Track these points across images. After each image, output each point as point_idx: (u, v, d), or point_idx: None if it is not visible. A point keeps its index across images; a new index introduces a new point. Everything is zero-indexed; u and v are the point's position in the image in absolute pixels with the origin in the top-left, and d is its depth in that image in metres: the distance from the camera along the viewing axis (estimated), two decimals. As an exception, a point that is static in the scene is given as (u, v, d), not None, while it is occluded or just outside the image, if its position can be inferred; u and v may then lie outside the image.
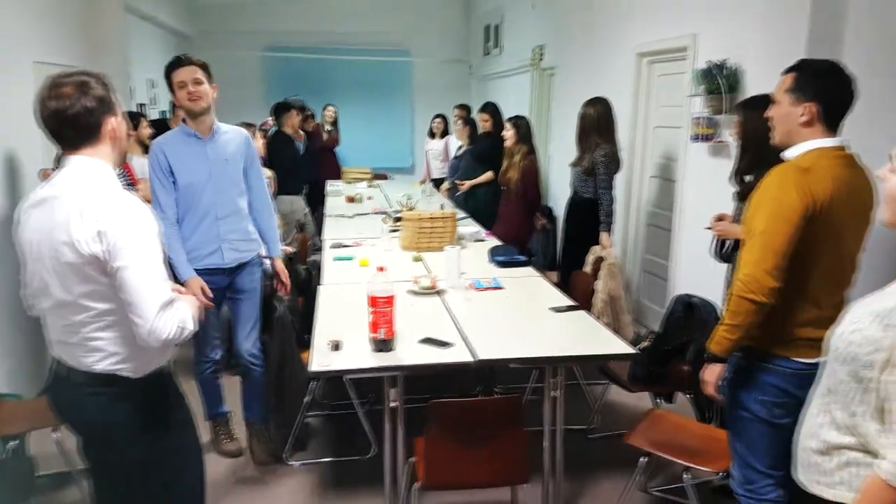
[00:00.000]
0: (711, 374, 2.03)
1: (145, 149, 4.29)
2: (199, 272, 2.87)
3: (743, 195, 2.65)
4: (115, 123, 1.68)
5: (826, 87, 1.88)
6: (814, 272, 1.91)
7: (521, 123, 4.92)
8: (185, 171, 2.85)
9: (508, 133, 4.92)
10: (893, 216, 1.38)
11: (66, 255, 1.56)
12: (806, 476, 1.45)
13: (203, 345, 3.09)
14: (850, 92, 1.90)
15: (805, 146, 1.91)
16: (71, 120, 1.61)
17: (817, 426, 1.42)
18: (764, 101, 2.20)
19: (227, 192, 2.93)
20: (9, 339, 3.42)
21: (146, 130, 4.67)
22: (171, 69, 2.85)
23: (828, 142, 1.90)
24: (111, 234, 1.54)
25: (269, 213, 3.19)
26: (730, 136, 2.95)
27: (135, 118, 4.53)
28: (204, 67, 2.90)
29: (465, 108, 6.78)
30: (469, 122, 6.21)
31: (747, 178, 2.72)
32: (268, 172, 4.55)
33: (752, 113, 2.63)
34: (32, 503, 2.23)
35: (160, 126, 4.84)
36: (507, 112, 6.08)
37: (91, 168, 1.63)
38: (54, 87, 1.63)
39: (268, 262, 3.29)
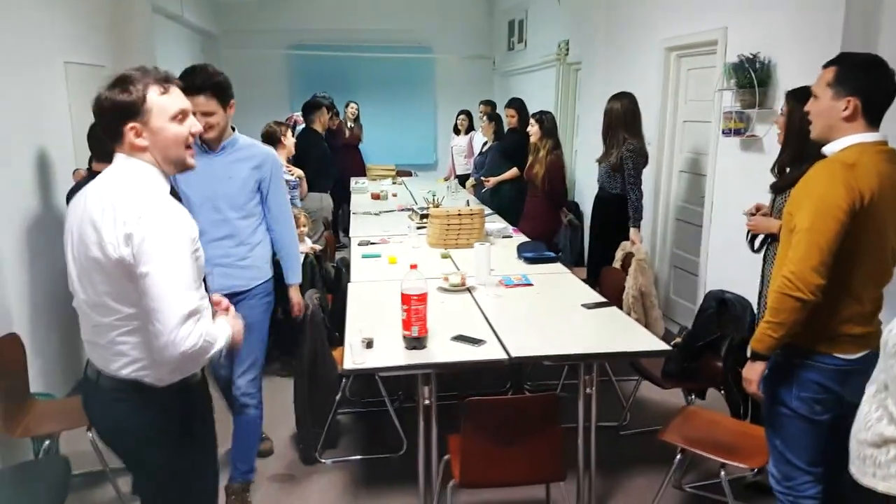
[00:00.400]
0: (754, 373, 2.00)
1: None
2: None
3: (779, 188, 2.60)
4: (139, 130, 1.59)
5: (868, 81, 1.86)
6: (857, 268, 1.89)
7: (545, 118, 4.90)
8: (184, 184, 2.57)
9: (533, 129, 4.91)
10: None
11: (94, 252, 1.56)
12: (859, 468, 1.45)
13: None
14: (893, 85, 1.86)
15: (846, 141, 1.88)
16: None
17: (874, 420, 1.43)
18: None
19: (224, 212, 2.65)
20: (42, 338, 3.48)
21: None
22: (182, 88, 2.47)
23: (869, 136, 1.87)
24: (138, 238, 1.50)
25: (289, 239, 2.87)
26: (774, 123, 2.89)
27: None
28: (218, 92, 2.55)
29: (490, 105, 6.76)
30: (494, 118, 6.19)
31: (788, 170, 2.67)
32: (298, 172, 4.59)
33: (799, 105, 2.57)
34: (67, 503, 2.27)
35: None
36: (533, 108, 6.07)
37: (131, 168, 1.62)
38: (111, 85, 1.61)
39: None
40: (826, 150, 1.94)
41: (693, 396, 3.10)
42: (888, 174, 1.85)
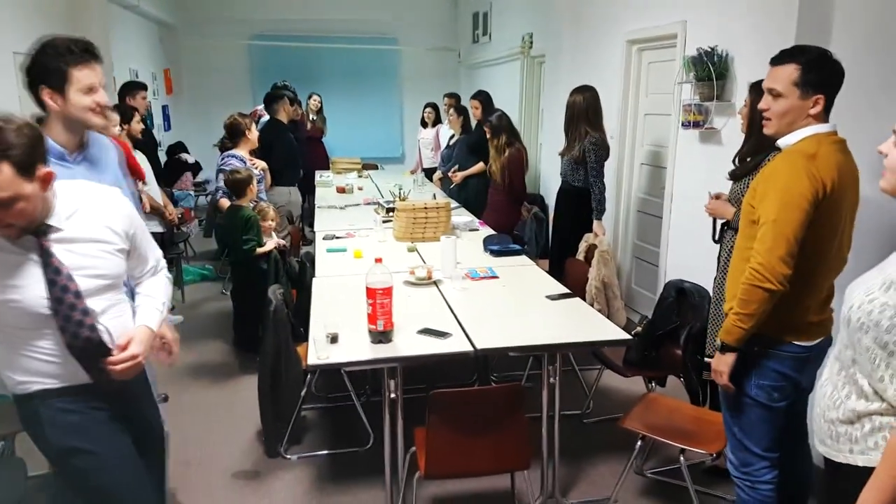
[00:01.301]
0: (724, 364, 2.02)
1: (135, 144, 4.24)
2: None
3: (737, 176, 2.66)
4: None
5: (830, 78, 1.91)
6: (820, 257, 1.93)
7: (493, 118, 4.96)
8: None
9: (486, 129, 4.97)
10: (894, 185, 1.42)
11: None
12: (832, 447, 1.48)
13: None
14: (843, 77, 1.93)
15: (803, 132, 1.93)
16: None
17: (843, 398, 1.45)
18: None
19: None
20: None
21: (138, 126, 4.60)
22: (70, 63, 1.91)
23: (824, 127, 1.93)
24: None
25: None
26: (738, 114, 2.95)
27: (127, 113, 4.46)
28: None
29: (454, 97, 6.76)
30: (461, 110, 6.20)
31: (749, 159, 2.72)
32: (262, 164, 4.52)
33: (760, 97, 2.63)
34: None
35: None
36: (497, 101, 6.09)
37: None
38: None
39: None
40: (781, 142, 1.99)
41: (654, 384, 3.17)
42: (843, 164, 1.91)
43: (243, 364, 4.11)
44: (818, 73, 1.90)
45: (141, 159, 4.29)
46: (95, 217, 1.70)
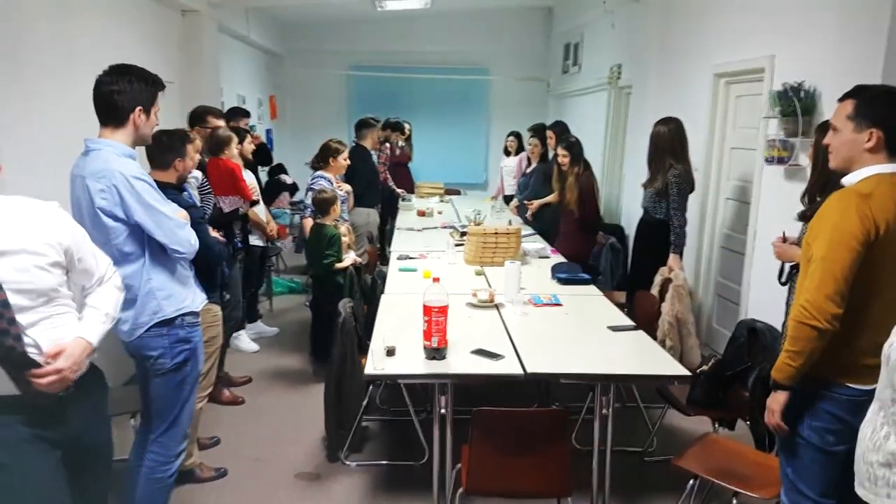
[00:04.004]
0: (776, 403, 1.99)
1: (246, 164, 4.54)
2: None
3: (807, 217, 2.58)
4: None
5: (890, 113, 1.86)
6: (875, 298, 1.88)
7: (573, 144, 4.94)
8: None
9: (566, 158, 4.93)
10: None
11: None
12: (872, 490, 1.43)
13: None
14: None
15: (865, 172, 1.88)
16: None
17: (881, 439, 1.41)
18: None
19: None
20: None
21: (250, 146, 4.91)
22: (160, 87, 2.30)
23: (888, 167, 1.87)
24: None
25: None
26: (808, 156, 2.88)
27: (240, 134, 4.79)
28: None
29: (535, 129, 6.83)
30: (542, 140, 6.26)
31: (818, 199, 2.65)
32: (346, 187, 4.79)
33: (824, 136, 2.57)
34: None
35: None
36: (585, 130, 6.10)
37: None
38: None
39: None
40: (845, 180, 1.95)
41: (719, 426, 3.05)
42: None
43: (317, 372, 4.32)
44: (874, 108, 1.86)
45: (249, 177, 4.61)
46: (26, 230, 1.69)
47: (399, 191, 6.90)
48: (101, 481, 1.98)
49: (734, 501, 2.35)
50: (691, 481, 2.46)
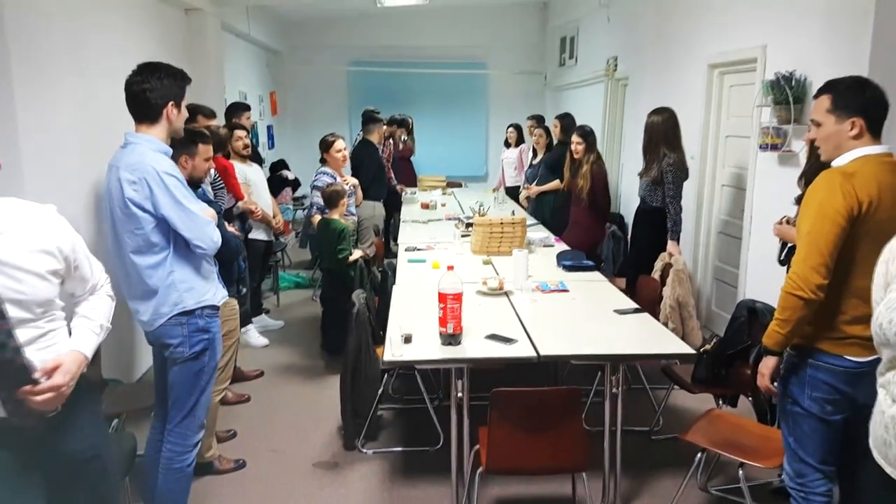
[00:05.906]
0: (766, 367, 2.15)
1: (241, 158, 4.65)
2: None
3: (801, 200, 2.70)
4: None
5: (866, 100, 2.01)
6: (860, 271, 1.99)
7: (588, 133, 5.02)
8: None
9: (580, 146, 4.98)
10: None
11: None
12: (884, 455, 1.54)
13: None
14: (885, 101, 2.02)
15: (852, 154, 2.02)
16: None
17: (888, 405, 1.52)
18: None
19: None
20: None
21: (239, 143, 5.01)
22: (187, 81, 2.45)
23: (874, 149, 2.01)
24: None
25: None
26: (804, 140, 3.00)
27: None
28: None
29: (536, 119, 6.94)
30: (546, 131, 6.38)
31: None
32: (353, 180, 4.88)
33: None
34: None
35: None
36: (582, 121, 6.19)
37: None
38: None
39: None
40: (835, 163, 2.08)
41: (723, 403, 3.18)
42: (889, 183, 1.97)
43: (329, 365, 4.42)
44: (851, 98, 2.01)
45: (255, 172, 4.71)
46: (26, 238, 1.60)
47: (399, 186, 7.01)
48: (93, 494, 1.88)
49: (741, 472, 2.47)
50: (699, 455, 2.58)
